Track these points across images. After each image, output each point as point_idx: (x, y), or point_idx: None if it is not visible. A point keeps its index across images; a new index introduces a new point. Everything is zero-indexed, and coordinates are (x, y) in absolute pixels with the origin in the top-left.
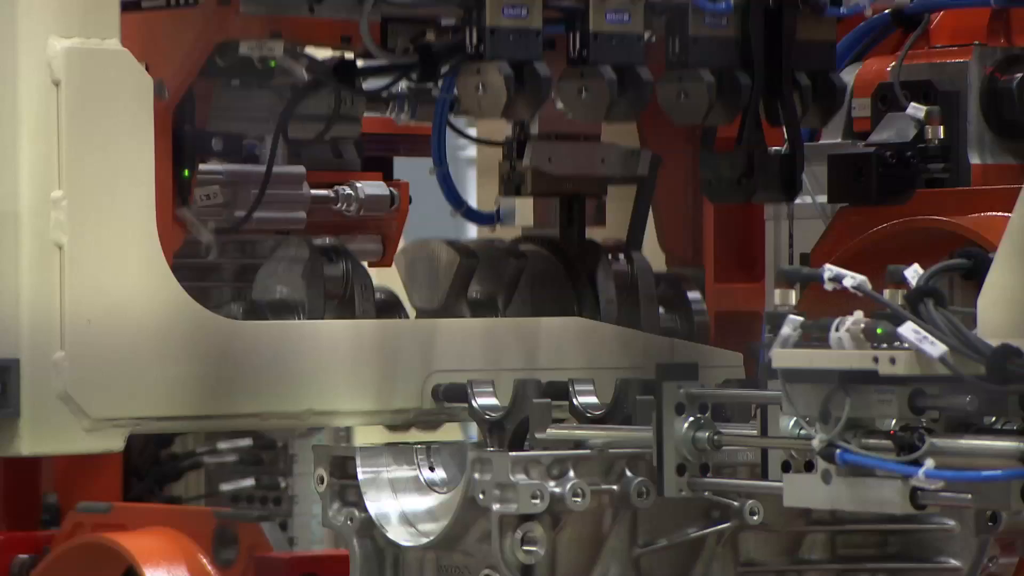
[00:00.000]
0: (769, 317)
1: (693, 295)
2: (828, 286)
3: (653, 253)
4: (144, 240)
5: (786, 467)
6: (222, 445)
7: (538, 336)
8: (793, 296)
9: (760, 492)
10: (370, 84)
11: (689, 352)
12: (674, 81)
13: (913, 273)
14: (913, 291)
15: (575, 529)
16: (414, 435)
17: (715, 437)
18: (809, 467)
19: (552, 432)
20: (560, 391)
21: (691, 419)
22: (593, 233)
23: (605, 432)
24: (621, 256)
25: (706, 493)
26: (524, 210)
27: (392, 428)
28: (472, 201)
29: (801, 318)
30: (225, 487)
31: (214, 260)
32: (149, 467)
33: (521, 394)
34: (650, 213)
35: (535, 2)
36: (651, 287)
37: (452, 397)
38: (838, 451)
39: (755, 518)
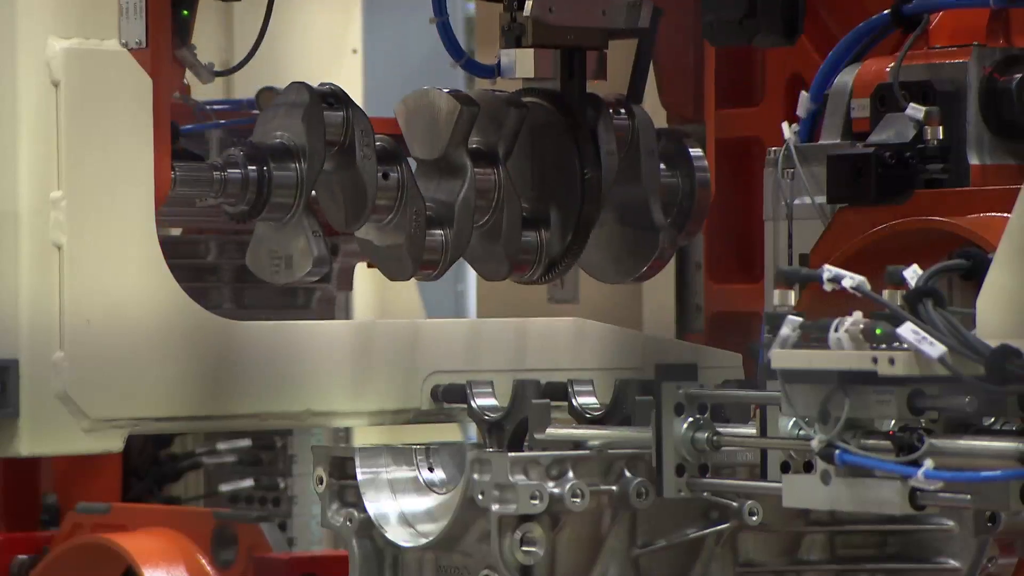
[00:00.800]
0: (768, 318)
1: (695, 151)
2: (827, 287)
3: (653, 109)
4: (143, 241)
5: (785, 467)
6: (221, 446)
7: (537, 336)
8: (792, 297)
9: (759, 492)
10: None
11: (688, 352)
12: None
13: (912, 274)
14: (912, 292)
15: (574, 529)
16: (414, 436)
17: (714, 438)
18: (808, 468)
19: (551, 433)
20: (559, 392)
21: (690, 420)
22: (594, 87)
23: (604, 433)
24: (622, 110)
25: (705, 494)
26: (524, 63)
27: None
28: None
29: (800, 319)
30: (224, 487)
31: (213, 260)
32: (148, 467)
33: (520, 395)
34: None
35: None
36: (652, 141)
37: (451, 398)
38: (837, 451)
39: (754, 518)
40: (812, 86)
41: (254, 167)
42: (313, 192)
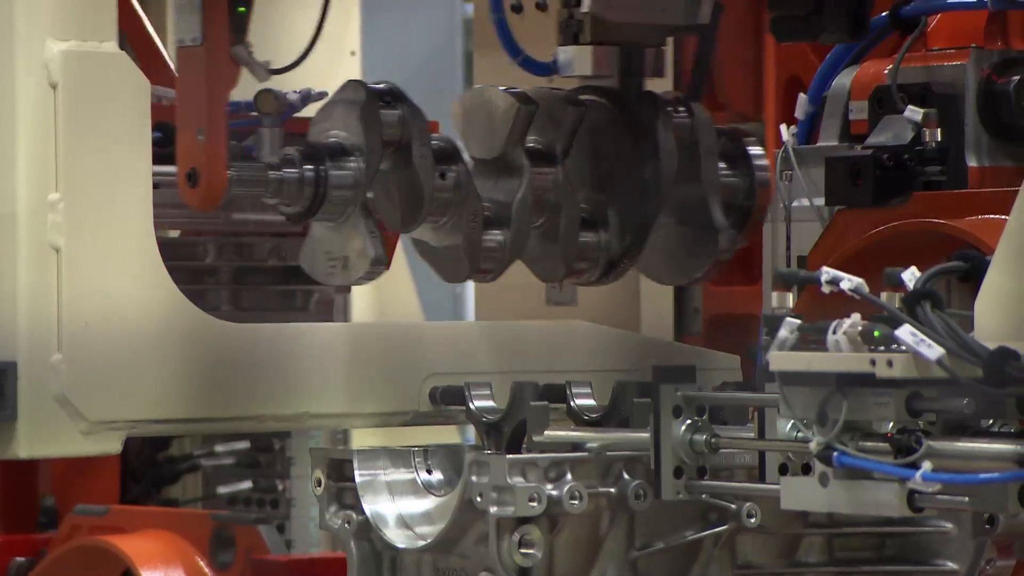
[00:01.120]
0: (766, 320)
1: (755, 150)
2: (825, 289)
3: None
4: (141, 243)
5: (783, 470)
6: (219, 448)
7: (536, 338)
8: (790, 299)
9: (757, 495)
10: None
11: (686, 354)
12: None
13: (910, 276)
14: (910, 294)
15: (572, 532)
16: (412, 438)
17: (712, 440)
18: (806, 470)
19: (549, 435)
20: (557, 394)
21: (688, 422)
22: (652, 84)
23: (602, 435)
24: (681, 108)
25: (703, 496)
26: (582, 60)
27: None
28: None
29: (798, 321)
30: (222, 490)
31: (211, 263)
32: (146, 470)
33: (518, 397)
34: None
35: None
36: (712, 140)
37: (449, 400)
38: (835, 454)
39: (752, 520)
40: (810, 88)
41: (311, 166)
42: (368, 193)
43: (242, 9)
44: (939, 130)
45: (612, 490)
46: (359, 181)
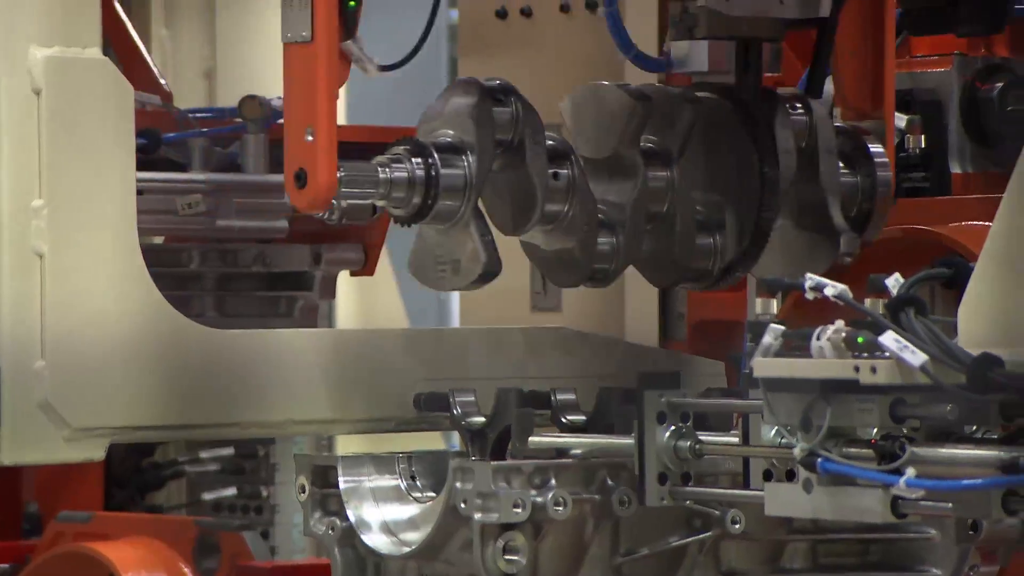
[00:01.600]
0: (751, 326)
1: (875, 149)
2: (809, 295)
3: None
4: (125, 249)
5: (767, 476)
6: (203, 454)
7: (520, 344)
8: (774, 305)
9: (741, 501)
10: None
11: (671, 361)
12: None
13: (894, 282)
14: (894, 300)
15: (557, 538)
16: (396, 444)
17: (696, 446)
18: (790, 476)
19: (534, 441)
20: (542, 400)
21: (672, 428)
22: (768, 81)
23: (587, 441)
24: (799, 105)
25: (688, 502)
26: (698, 56)
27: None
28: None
29: (783, 327)
30: (207, 496)
31: (196, 269)
32: (130, 476)
33: (503, 403)
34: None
35: None
36: (831, 139)
37: (433, 406)
38: (819, 460)
39: (737, 527)
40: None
41: (421, 167)
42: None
43: (352, 3)
44: (923, 136)
45: (597, 496)
46: (471, 182)
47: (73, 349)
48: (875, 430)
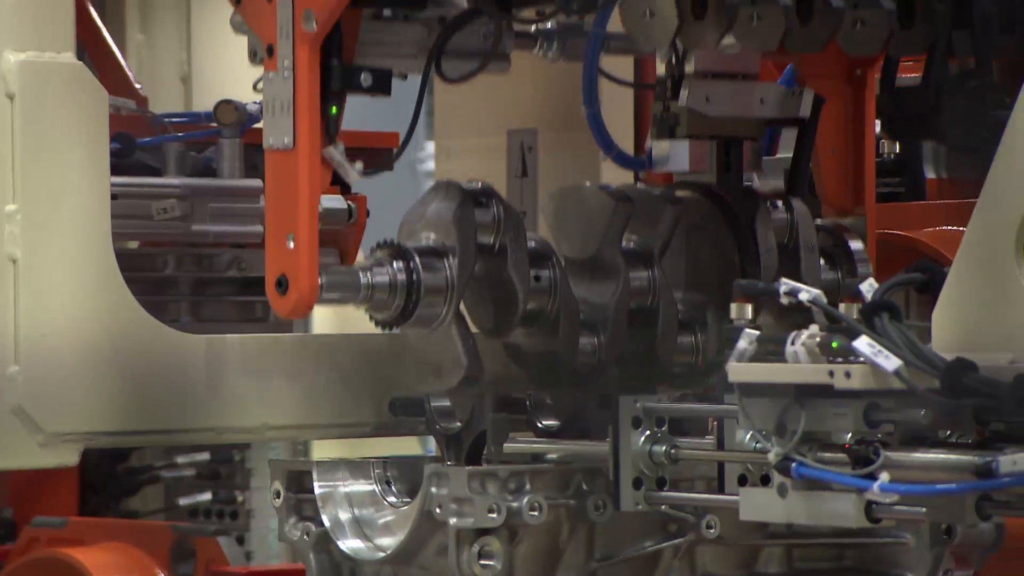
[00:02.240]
0: (726, 331)
1: (856, 246)
2: (784, 300)
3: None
4: (99, 254)
5: (742, 480)
6: (179, 459)
7: (496, 350)
8: (749, 310)
9: (716, 506)
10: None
11: None
12: (849, 8)
13: (868, 287)
14: (868, 305)
15: (532, 543)
16: (372, 449)
17: (671, 451)
18: (765, 480)
19: (510, 446)
20: (518, 405)
21: (647, 433)
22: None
23: (563, 446)
24: (780, 203)
25: (663, 507)
26: (678, 155)
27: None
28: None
29: (757, 332)
30: (182, 501)
31: (171, 274)
32: (105, 482)
33: (478, 408)
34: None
35: None
36: (812, 237)
37: (409, 411)
38: (794, 465)
39: (712, 531)
40: None
41: (403, 271)
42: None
43: (334, 110)
44: (897, 143)
45: (572, 501)
46: (453, 285)
47: (47, 354)
48: (849, 435)
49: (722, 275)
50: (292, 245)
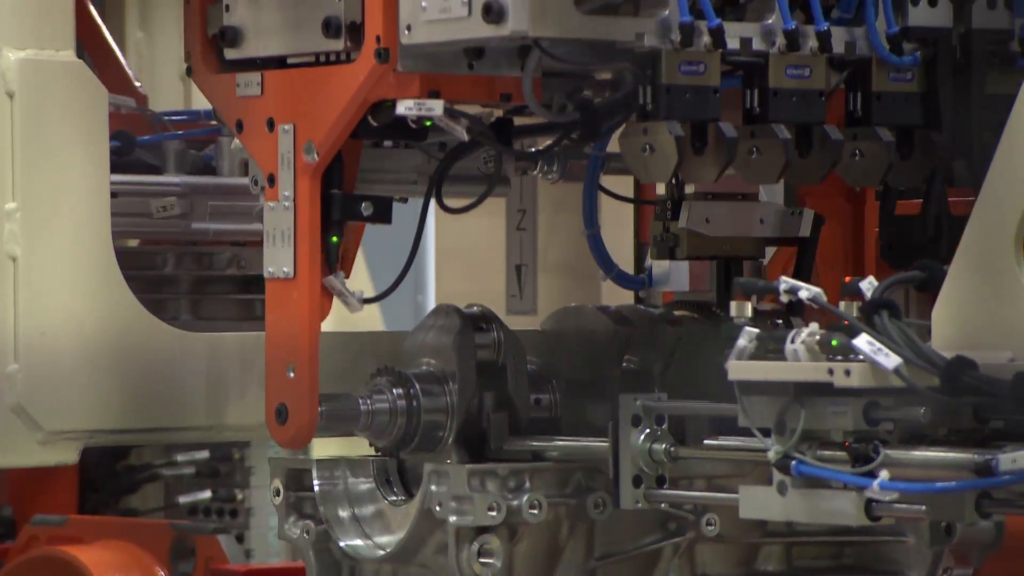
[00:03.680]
0: (725, 329)
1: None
2: (784, 298)
3: None
4: (99, 252)
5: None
6: (179, 457)
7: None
8: (749, 308)
9: (716, 503)
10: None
11: None
12: (848, 139)
13: (868, 285)
14: (868, 303)
15: (532, 541)
16: (372, 447)
17: (671, 449)
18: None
19: (510, 444)
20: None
21: (647, 431)
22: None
23: (563, 444)
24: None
25: (662, 505)
26: (678, 276)
27: None
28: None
29: (757, 330)
30: (182, 499)
31: (170, 272)
32: (105, 480)
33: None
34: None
35: (713, 58)
36: None
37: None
38: (793, 463)
39: (711, 529)
40: None
41: (403, 397)
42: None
43: (335, 239)
44: None
45: (572, 500)
46: (453, 411)
47: (46, 352)
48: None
49: (723, 394)
50: (292, 375)
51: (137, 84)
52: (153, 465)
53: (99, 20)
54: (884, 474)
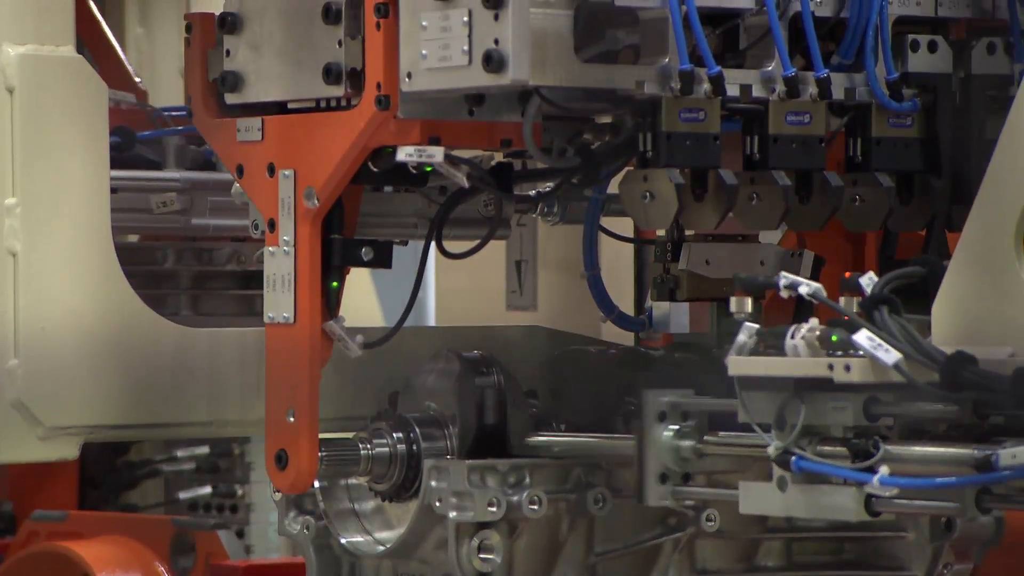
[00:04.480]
0: (725, 324)
1: None
2: (784, 293)
3: None
4: (99, 247)
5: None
6: (179, 453)
7: (496, 342)
8: (749, 304)
9: (716, 499)
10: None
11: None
12: (848, 185)
13: (868, 281)
14: (868, 298)
15: (532, 537)
16: None
17: (699, 446)
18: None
19: (532, 440)
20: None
21: (675, 428)
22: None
23: (587, 440)
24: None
25: (688, 501)
26: (678, 317)
27: None
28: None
29: (757, 325)
30: (182, 495)
31: (170, 267)
32: (105, 475)
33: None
34: None
35: (713, 105)
36: None
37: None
38: (793, 458)
39: (711, 525)
40: None
41: (403, 442)
42: None
43: (335, 284)
44: None
45: (572, 495)
46: (453, 456)
47: (47, 348)
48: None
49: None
50: (292, 420)
51: (137, 80)
52: (153, 461)
53: (99, 16)
54: (884, 469)
